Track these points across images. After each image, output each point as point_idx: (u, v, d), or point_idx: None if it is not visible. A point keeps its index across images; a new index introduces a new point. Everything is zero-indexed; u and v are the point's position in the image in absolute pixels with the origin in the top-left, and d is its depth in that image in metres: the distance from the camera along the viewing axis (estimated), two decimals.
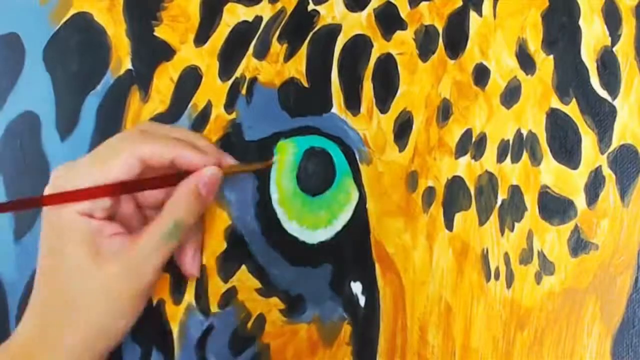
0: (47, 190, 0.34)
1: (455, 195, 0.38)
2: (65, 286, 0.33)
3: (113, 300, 0.33)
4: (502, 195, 0.38)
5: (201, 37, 0.40)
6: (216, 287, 0.39)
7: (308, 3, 0.40)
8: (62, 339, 0.32)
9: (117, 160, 0.33)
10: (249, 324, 0.39)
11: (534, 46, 0.38)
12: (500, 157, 0.38)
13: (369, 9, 0.39)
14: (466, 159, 0.38)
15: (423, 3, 0.39)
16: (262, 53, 0.39)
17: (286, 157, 0.39)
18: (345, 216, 0.38)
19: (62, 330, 0.33)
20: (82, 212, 0.33)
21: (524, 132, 0.38)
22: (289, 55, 0.39)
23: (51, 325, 0.33)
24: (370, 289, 0.38)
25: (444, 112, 0.38)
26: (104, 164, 0.33)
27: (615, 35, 0.38)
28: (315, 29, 0.39)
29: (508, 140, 0.38)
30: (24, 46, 0.41)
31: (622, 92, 0.38)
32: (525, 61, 0.38)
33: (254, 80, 0.39)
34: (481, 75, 0.38)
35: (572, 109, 0.38)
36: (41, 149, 0.40)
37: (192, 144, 0.35)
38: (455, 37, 0.39)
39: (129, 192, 0.35)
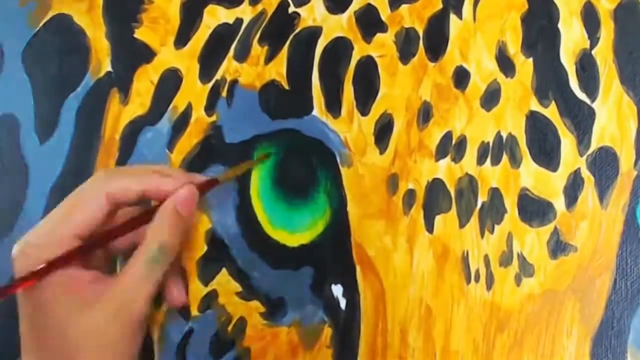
0: (15, 251, 0.32)
1: (435, 198, 0.38)
2: (54, 342, 0.31)
3: (106, 345, 0.31)
4: (482, 197, 0.38)
5: (181, 39, 0.40)
6: (196, 291, 0.38)
7: (289, 5, 0.39)
8: None
9: (85, 204, 0.33)
10: (230, 328, 0.38)
11: (514, 49, 0.38)
12: (480, 160, 0.38)
13: (350, 11, 0.39)
14: (446, 161, 0.38)
15: (403, 6, 0.39)
16: (242, 55, 0.39)
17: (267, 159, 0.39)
18: (325, 219, 0.38)
19: None
20: None
21: (504, 135, 0.38)
22: (269, 58, 0.39)
23: None
24: (351, 292, 0.38)
25: (424, 114, 0.38)
26: (73, 210, 0.33)
27: (594, 38, 0.38)
28: (296, 31, 0.39)
29: (488, 143, 0.38)
30: (2, 48, 0.41)
31: (601, 94, 0.38)
32: (505, 64, 0.38)
33: (234, 82, 0.39)
34: (461, 77, 0.38)
35: (551, 112, 0.38)
36: (20, 151, 0.40)
37: (159, 172, 0.35)
38: (436, 39, 0.39)
39: (103, 244, 0.34)
